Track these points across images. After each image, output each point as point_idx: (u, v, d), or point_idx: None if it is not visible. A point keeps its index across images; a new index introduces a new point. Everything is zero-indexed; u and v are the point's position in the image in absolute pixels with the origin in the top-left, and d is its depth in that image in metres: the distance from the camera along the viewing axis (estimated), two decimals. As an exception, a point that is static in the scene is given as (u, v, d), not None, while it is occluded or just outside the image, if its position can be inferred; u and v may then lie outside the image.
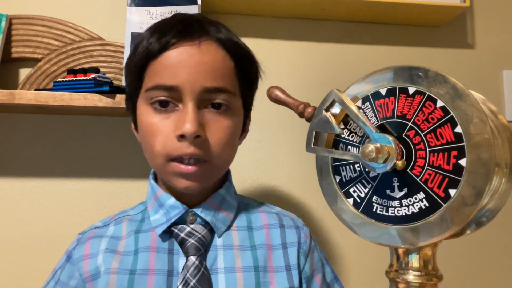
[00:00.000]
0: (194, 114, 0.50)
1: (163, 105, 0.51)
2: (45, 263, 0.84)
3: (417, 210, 0.40)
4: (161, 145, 0.51)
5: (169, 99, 0.51)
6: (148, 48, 0.52)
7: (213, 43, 0.53)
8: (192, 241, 0.53)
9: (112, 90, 0.76)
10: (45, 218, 0.86)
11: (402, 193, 0.41)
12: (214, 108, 0.52)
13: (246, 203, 0.63)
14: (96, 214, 0.87)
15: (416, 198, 0.40)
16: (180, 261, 0.53)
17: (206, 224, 0.55)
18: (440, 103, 0.40)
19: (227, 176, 0.62)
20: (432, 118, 0.40)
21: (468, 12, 1.05)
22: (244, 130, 0.61)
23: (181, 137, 0.49)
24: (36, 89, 0.79)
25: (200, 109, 0.51)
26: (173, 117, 0.51)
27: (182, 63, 0.51)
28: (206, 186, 0.55)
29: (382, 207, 0.43)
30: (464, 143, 0.37)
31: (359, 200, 0.45)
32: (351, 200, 0.46)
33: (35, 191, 0.86)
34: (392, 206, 0.42)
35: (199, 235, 0.54)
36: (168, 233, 0.55)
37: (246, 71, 0.57)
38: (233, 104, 0.54)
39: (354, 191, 0.45)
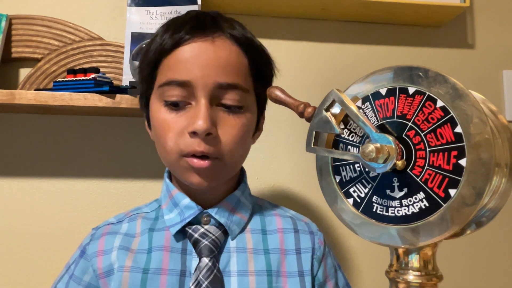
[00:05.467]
0: (207, 111, 0.49)
1: (176, 104, 0.51)
2: (46, 263, 0.84)
3: (417, 210, 0.40)
4: (173, 141, 0.51)
5: (181, 99, 0.51)
6: (161, 44, 0.52)
7: (227, 40, 0.53)
8: (206, 242, 0.53)
9: (112, 90, 0.76)
10: (45, 218, 0.86)
11: (402, 193, 0.41)
12: (226, 107, 0.52)
13: (260, 205, 0.63)
14: (96, 214, 0.87)
15: (416, 198, 0.40)
16: (193, 261, 0.53)
17: (220, 225, 0.55)
18: (440, 103, 0.40)
19: (242, 177, 0.61)
20: (432, 118, 0.40)
21: (468, 12, 1.05)
22: (257, 128, 0.60)
23: (193, 133, 0.49)
24: (36, 89, 0.79)
25: (212, 106, 0.51)
26: (186, 114, 0.51)
27: (195, 59, 0.50)
28: (217, 184, 0.54)
29: (382, 207, 0.43)
30: (464, 143, 0.37)
31: (359, 200, 0.45)
32: (351, 200, 0.46)
33: (35, 191, 0.86)
34: (392, 206, 0.42)
35: (213, 237, 0.54)
36: (182, 233, 0.55)
37: (260, 68, 0.56)
38: (246, 101, 0.54)
39: (354, 191, 0.45)
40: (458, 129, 0.38)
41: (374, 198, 0.43)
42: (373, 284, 0.93)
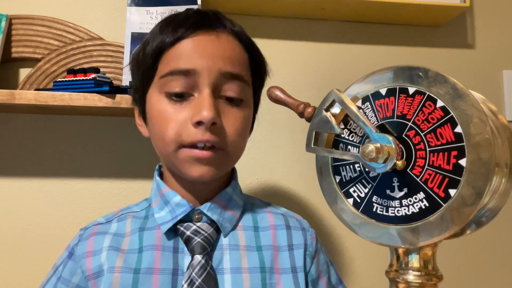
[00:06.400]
0: (211, 101, 0.49)
1: (178, 95, 0.51)
2: (45, 263, 0.84)
3: (417, 210, 0.40)
4: (174, 131, 0.50)
5: (184, 90, 0.51)
6: (163, 39, 0.52)
7: (229, 35, 0.54)
8: (198, 239, 0.53)
9: (112, 90, 0.76)
10: (45, 218, 0.86)
11: (402, 193, 0.41)
12: (227, 100, 0.52)
13: (251, 203, 0.63)
14: (96, 214, 0.87)
15: (416, 198, 0.40)
16: (185, 259, 0.53)
17: (212, 222, 0.55)
18: (440, 103, 0.40)
19: (233, 175, 0.61)
20: (432, 118, 0.40)
21: (468, 12, 1.05)
22: (251, 127, 0.61)
23: (198, 124, 0.49)
24: (36, 89, 0.79)
25: (215, 98, 0.51)
26: (189, 105, 0.51)
27: (200, 49, 0.51)
28: (218, 176, 0.54)
29: (382, 207, 0.43)
30: (464, 143, 0.37)
31: (359, 200, 0.45)
32: (351, 200, 0.46)
33: (35, 191, 0.86)
34: (392, 206, 0.42)
35: (205, 234, 0.53)
36: (173, 231, 0.54)
37: (259, 65, 0.58)
38: (246, 95, 0.54)
39: (354, 191, 0.45)
40: (458, 129, 0.38)
41: (374, 198, 0.43)
42: (373, 284, 0.93)
